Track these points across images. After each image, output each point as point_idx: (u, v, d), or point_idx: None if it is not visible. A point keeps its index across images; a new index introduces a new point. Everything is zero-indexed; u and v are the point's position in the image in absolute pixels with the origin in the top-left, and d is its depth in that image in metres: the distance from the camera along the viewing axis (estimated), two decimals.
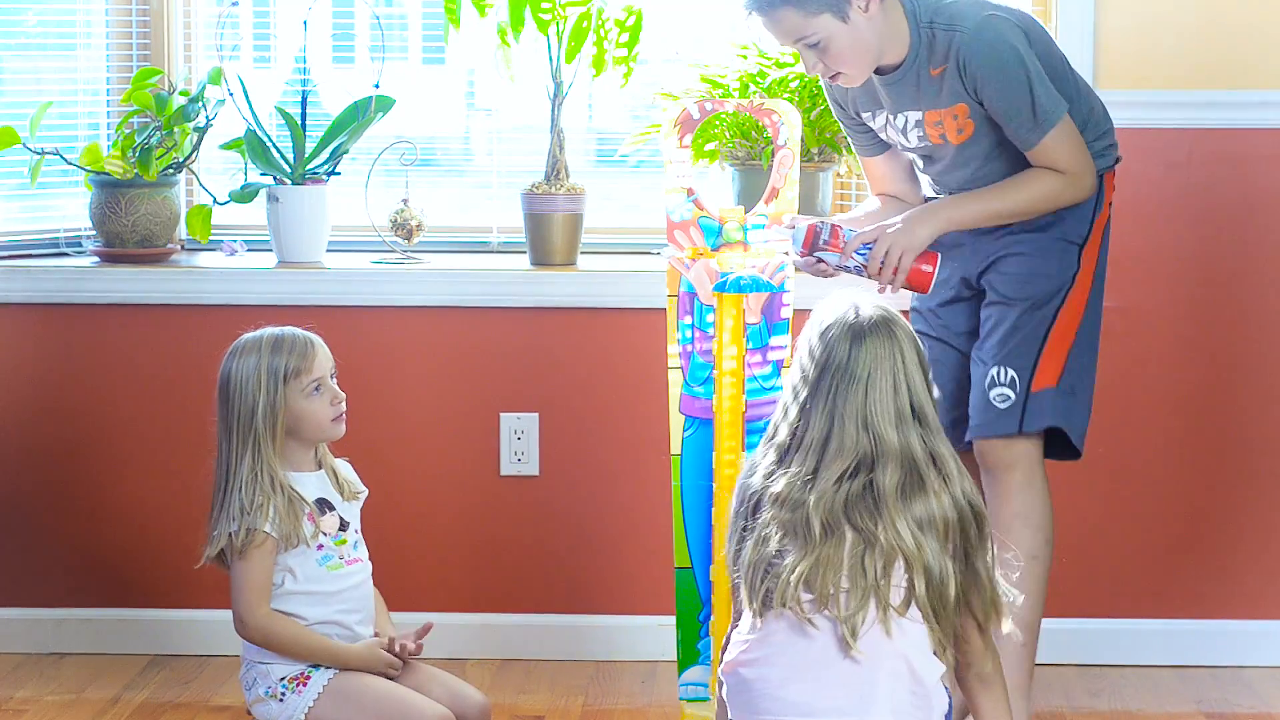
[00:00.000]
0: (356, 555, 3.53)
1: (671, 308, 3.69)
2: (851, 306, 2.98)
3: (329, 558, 3.49)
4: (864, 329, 2.95)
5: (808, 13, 3.55)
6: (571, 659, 4.43)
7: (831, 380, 2.94)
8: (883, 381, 2.93)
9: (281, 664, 3.46)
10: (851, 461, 2.92)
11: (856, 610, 2.87)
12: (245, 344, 3.52)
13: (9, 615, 4.47)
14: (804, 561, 2.89)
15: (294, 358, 3.48)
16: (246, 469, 3.45)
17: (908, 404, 2.94)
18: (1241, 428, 4.39)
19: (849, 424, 2.92)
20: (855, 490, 2.91)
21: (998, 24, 3.60)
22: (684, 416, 3.69)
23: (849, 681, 2.88)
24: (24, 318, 4.43)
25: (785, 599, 2.88)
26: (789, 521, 2.91)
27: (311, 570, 3.47)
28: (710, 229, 3.67)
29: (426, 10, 4.67)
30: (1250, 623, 4.40)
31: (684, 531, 3.69)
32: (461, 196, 4.72)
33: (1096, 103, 3.77)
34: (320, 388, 3.49)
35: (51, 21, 4.60)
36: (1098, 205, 3.73)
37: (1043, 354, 3.70)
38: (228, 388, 3.49)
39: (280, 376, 3.46)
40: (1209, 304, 4.36)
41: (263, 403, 3.45)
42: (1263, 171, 4.33)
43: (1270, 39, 4.30)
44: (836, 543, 2.89)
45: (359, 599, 3.53)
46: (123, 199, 4.44)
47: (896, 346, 2.95)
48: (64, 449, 4.45)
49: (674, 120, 3.70)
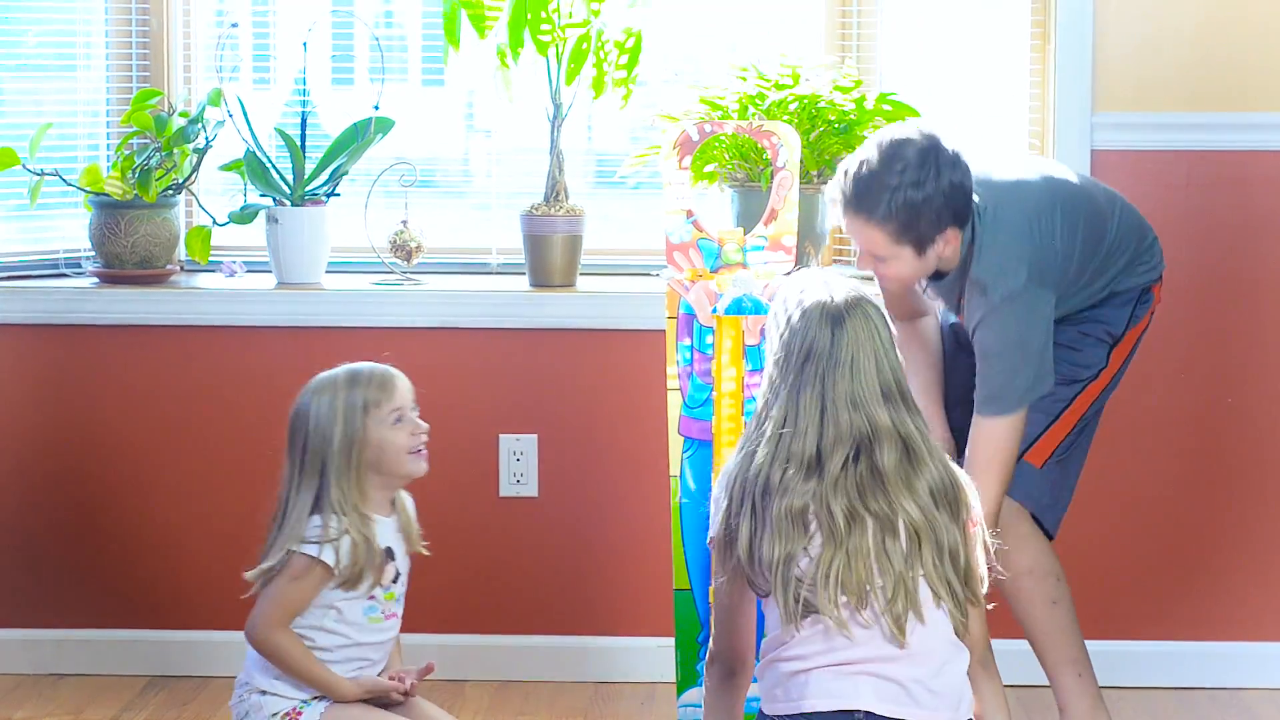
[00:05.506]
0: (395, 610, 3.44)
1: (671, 329, 3.69)
2: (824, 287, 2.98)
3: (374, 609, 3.40)
4: (842, 311, 2.95)
5: (893, 240, 3.53)
6: (571, 680, 4.42)
7: (816, 366, 2.94)
8: (866, 363, 2.94)
9: (278, 698, 3.39)
10: (851, 446, 2.92)
11: (895, 601, 2.87)
12: (321, 383, 3.39)
13: (8, 636, 4.46)
14: (836, 559, 2.88)
15: (373, 389, 3.37)
16: (323, 500, 3.33)
17: (891, 381, 2.95)
18: (1241, 450, 4.39)
19: (841, 408, 2.92)
20: (864, 475, 2.91)
21: (1017, 302, 3.58)
22: (683, 438, 3.69)
23: (903, 678, 2.89)
24: (23, 338, 4.43)
25: (825, 608, 2.87)
26: (806, 513, 2.90)
27: (356, 617, 3.38)
28: (709, 251, 3.68)
29: (426, 32, 4.68)
30: (1249, 645, 4.40)
31: (683, 553, 3.69)
32: (461, 218, 4.72)
33: (1144, 237, 3.75)
34: (401, 419, 3.39)
35: (51, 43, 4.60)
36: (1135, 313, 3.75)
37: (1045, 433, 3.71)
38: (304, 422, 3.36)
39: (360, 408, 3.35)
40: (1208, 326, 4.36)
41: (340, 434, 3.34)
42: (1262, 194, 4.33)
43: (1269, 61, 4.31)
44: (860, 532, 2.89)
45: (383, 654, 3.45)
46: (122, 220, 4.44)
47: (874, 326, 2.96)
48: (63, 470, 4.45)
49: (673, 142, 3.71)
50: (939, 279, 3.67)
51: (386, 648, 3.46)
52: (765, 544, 2.91)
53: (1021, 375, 3.60)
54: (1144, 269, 3.76)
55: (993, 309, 3.58)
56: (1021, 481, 3.69)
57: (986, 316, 3.60)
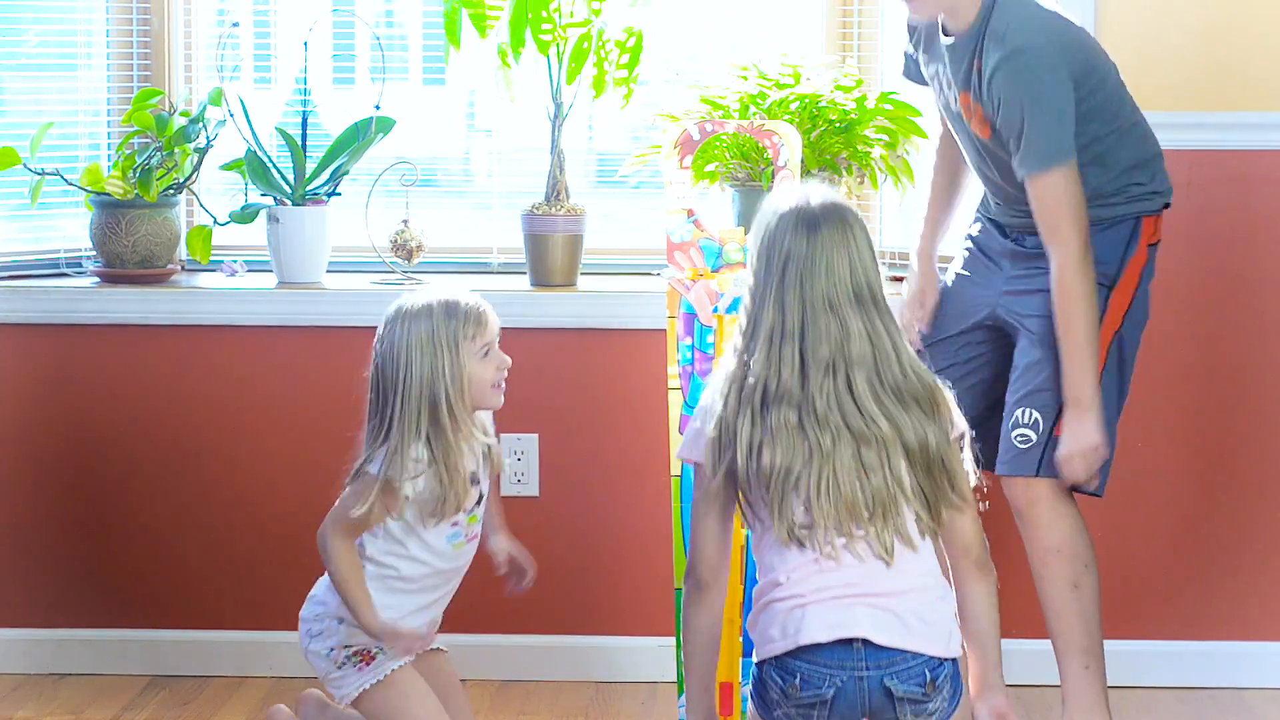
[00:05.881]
0: (476, 532, 3.51)
1: (672, 329, 3.70)
2: (803, 195, 3.04)
3: (457, 535, 3.46)
4: (818, 217, 3.00)
5: None
6: (572, 680, 4.43)
7: (796, 269, 2.99)
8: (840, 265, 3.00)
9: (357, 631, 3.43)
10: (830, 353, 2.97)
11: (876, 516, 2.94)
12: (411, 309, 3.41)
13: (9, 636, 4.47)
14: (824, 475, 2.94)
15: (470, 323, 3.41)
16: (410, 434, 3.36)
17: (864, 284, 3.00)
18: (1244, 450, 4.39)
19: (820, 311, 2.97)
20: (840, 387, 2.97)
21: (1034, 54, 3.58)
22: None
23: (899, 609, 2.95)
24: (24, 338, 4.43)
25: (819, 521, 2.94)
26: (802, 425, 2.95)
27: (440, 544, 3.45)
28: (710, 250, 3.68)
29: (427, 31, 4.68)
30: (1250, 645, 4.40)
31: (684, 553, 3.69)
32: (462, 217, 4.72)
33: (1148, 147, 3.77)
34: (489, 352, 3.44)
35: (52, 42, 4.60)
36: (1129, 247, 3.73)
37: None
38: (397, 353, 3.37)
39: (456, 341, 3.39)
40: (1210, 326, 4.36)
41: (437, 367, 3.37)
42: (1264, 193, 4.33)
43: (1269, 61, 4.31)
44: (842, 446, 2.95)
45: (461, 576, 3.52)
46: (123, 219, 4.44)
47: (850, 231, 3.01)
48: (64, 469, 4.45)
49: (674, 141, 3.71)
50: (954, 52, 3.67)
51: (465, 570, 3.51)
52: (766, 452, 2.96)
53: (1047, 121, 3.58)
54: (1143, 189, 3.74)
55: (1008, 55, 3.57)
56: (1054, 454, 3.69)
57: (1002, 64, 3.57)
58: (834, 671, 2.94)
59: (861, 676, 2.94)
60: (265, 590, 4.42)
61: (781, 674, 2.98)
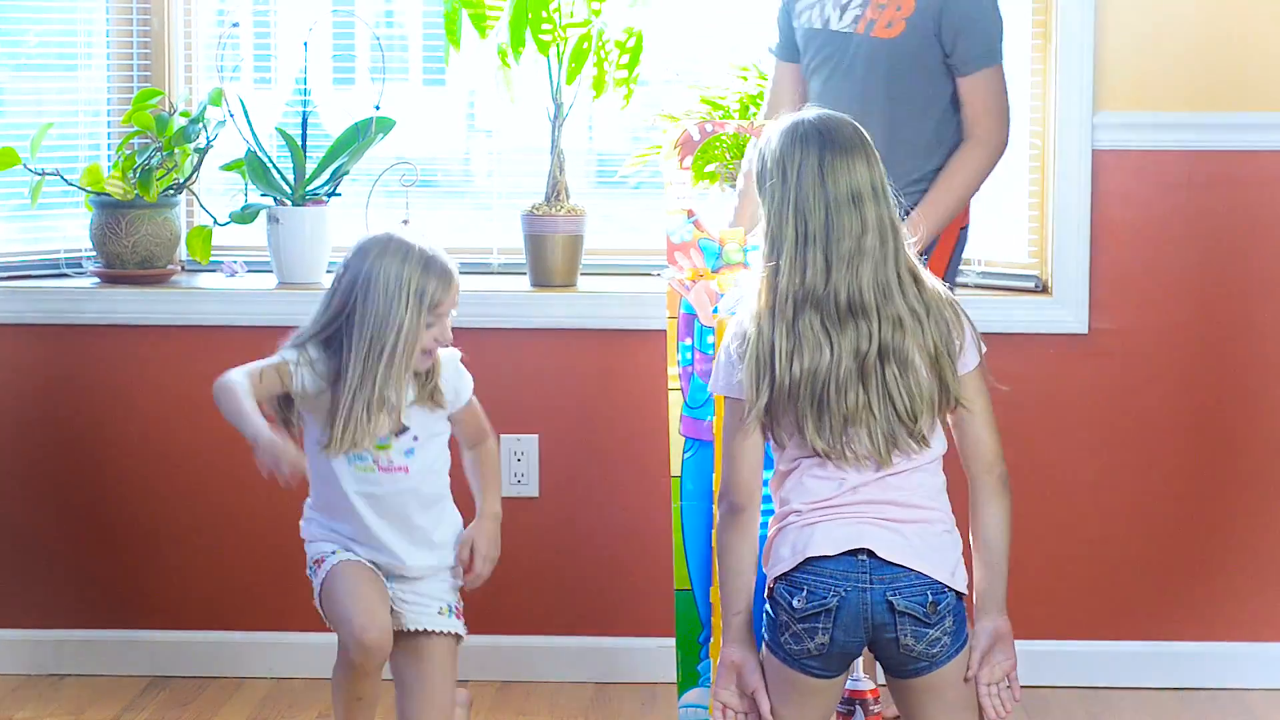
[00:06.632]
0: (402, 463, 3.48)
1: (672, 329, 3.70)
2: (800, 115, 3.13)
3: (361, 459, 3.45)
4: (824, 124, 3.10)
5: None
6: (572, 680, 4.43)
7: (813, 171, 3.06)
8: (857, 161, 3.08)
9: (314, 543, 3.50)
10: (850, 247, 3.04)
11: (897, 423, 3.04)
12: (395, 248, 3.42)
13: (9, 636, 4.47)
14: (843, 377, 3.02)
15: (440, 286, 3.42)
16: (346, 366, 3.41)
17: (880, 179, 3.09)
18: (1242, 450, 4.39)
19: (842, 205, 3.04)
20: (863, 279, 3.04)
21: None
22: (684, 438, 3.69)
23: (905, 530, 3.05)
24: (24, 338, 4.43)
25: (838, 443, 3.03)
26: (822, 328, 3.04)
27: (342, 468, 3.45)
28: (710, 251, 3.68)
29: (427, 31, 4.68)
30: (1251, 645, 4.40)
31: (684, 553, 3.69)
32: (462, 217, 4.72)
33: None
34: (439, 319, 3.46)
35: (52, 42, 4.61)
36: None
37: None
38: (368, 287, 3.40)
39: (423, 295, 3.40)
40: (1209, 326, 4.36)
41: (397, 318, 3.39)
42: (1262, 194, 4.33)
43: (1269, 61, 4.30)
44: (864, 342, 3.03)
45: (401, 509, 3.49)
46: (123, 220, 4.44)
47: (857, 133, 3.11)
48: (64, 470, 4.45)
49: (674, 142, 3.71)
50: None
51: (389, 508, 3.48)
52: (796, 360, 3.04)
53: (997, 18, 3.85)
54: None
55: None
56: None
57: None
58: (838, 582, 3.02)
59: (865, 588, 3.01)
60: (265, 591, 4.42)
61: (789, 589, 3.05)
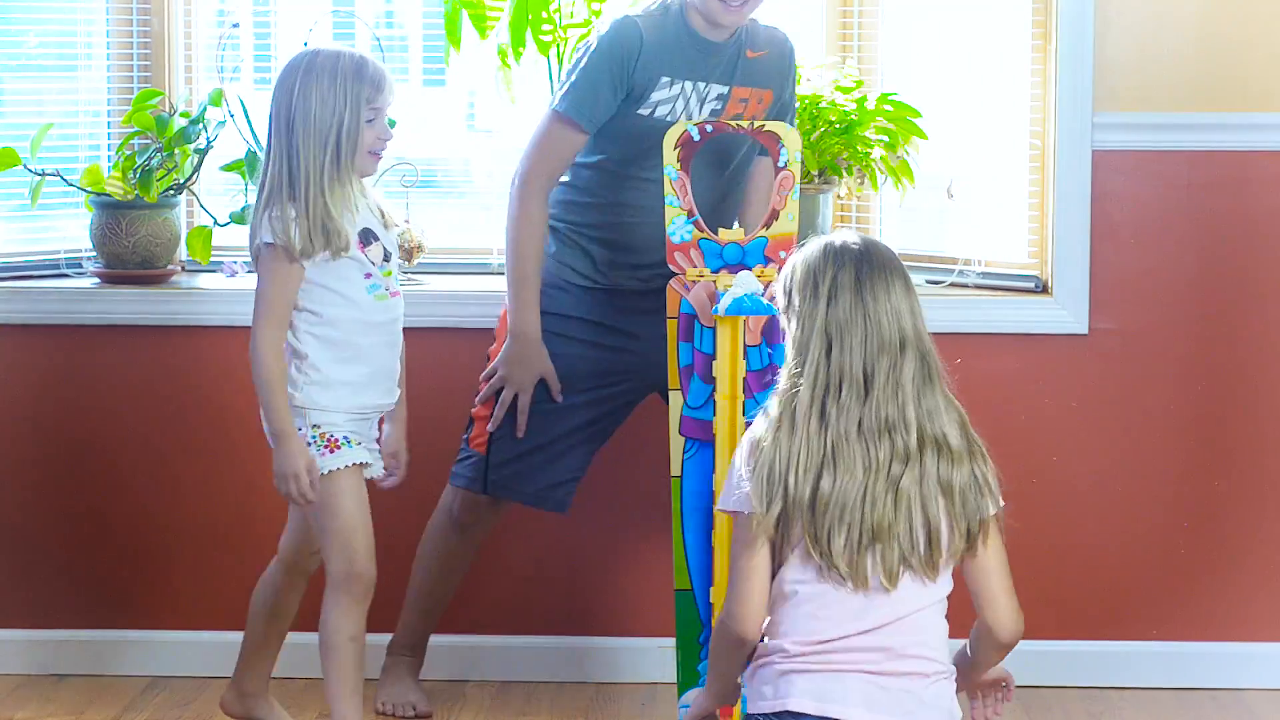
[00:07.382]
0: (396, 288, 3.64)
1: (672, 329, 3.69)
2: (825, 238, 3.05)
3: (376, 287, 3.60)
4: (854, 245, 3.01)
5: None
6: (571, 680, 4.43)
7: (850, 284, 2.98)
8: (896, 282, 3.00)
9: (322, 412, 3.57)
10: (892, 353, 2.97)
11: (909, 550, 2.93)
12: (321, 60, 3.53)
13: (9, 636, 4.46)
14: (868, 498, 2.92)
15: (373, 87, 3.52)
16: (298, 187, 3.50)
17: (919, 328, 3.00)
18: (1242, 450, 4.39)
19: (883, 315, 2.95)
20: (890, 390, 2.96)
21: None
22: (684, 438, 3.69)
23: (893, 685, 2.93)
24: (24, 339, 4.43)
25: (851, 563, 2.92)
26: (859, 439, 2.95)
27: (359, 296, 3.56)
28: (711, 250, 3.68)
29: (427, 32, 4.68)
30: (1250, 645, 4.40)
31: (684, 553, 3.69)
32: (462, 218, 4.72)
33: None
34: (376, 119, 3.53)
35: (52, 43, 4.61)
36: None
37: None
38: (299, 102, 3.49)
39: (359, 99, 3.50)
40: (1209, 326, 4.36)
41: (338, 124, 3.50)
42: (1263, 194, 4.33)
43: (1269, 61, 4.31)
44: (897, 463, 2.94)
45: (397, 335, 3.64)
46: (123, 220, 4.44)
47: (897, 270, 3.02)
48: (64, 470, 4.45)
49: (674, 141, 3.71)
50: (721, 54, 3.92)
51: (397, 332, 3.64)
52: (827, 472, 2.93)
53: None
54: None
55: (780, 35, 4.04)
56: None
57: (784, 41, 4.02)
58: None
59: None
60: None
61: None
